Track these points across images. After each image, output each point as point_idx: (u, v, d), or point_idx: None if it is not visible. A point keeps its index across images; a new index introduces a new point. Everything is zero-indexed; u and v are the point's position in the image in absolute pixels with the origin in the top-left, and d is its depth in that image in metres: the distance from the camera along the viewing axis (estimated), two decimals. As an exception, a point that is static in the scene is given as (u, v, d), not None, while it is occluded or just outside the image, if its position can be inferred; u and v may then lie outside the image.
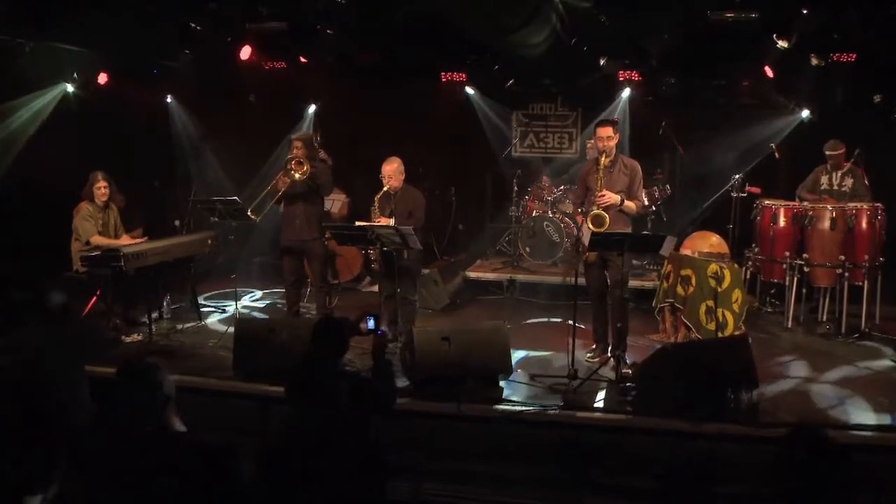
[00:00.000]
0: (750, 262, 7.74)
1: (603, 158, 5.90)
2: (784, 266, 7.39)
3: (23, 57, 7.85)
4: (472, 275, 8.72)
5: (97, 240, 6.61)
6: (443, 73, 9.78)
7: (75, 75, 8.60)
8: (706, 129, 9.24)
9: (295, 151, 6.64)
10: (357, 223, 6.25)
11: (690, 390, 4.89)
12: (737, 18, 7.04)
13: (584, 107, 10.43)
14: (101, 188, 6.77)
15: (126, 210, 8.29)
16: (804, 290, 7.50)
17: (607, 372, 5.77)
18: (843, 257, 6.98)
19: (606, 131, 5.89)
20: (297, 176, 6.43)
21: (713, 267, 6.62)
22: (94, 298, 6.74)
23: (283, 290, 7.01)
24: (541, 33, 8.18)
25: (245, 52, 8.10)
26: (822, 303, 7.40)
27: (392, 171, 6.35)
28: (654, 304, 7.13)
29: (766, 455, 2.64)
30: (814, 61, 7.64)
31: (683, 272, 6.76)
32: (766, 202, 7.65)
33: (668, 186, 9.10)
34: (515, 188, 9.28)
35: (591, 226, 5.78)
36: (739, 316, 6.73)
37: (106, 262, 6.16)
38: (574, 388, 5.42)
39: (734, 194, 7.92)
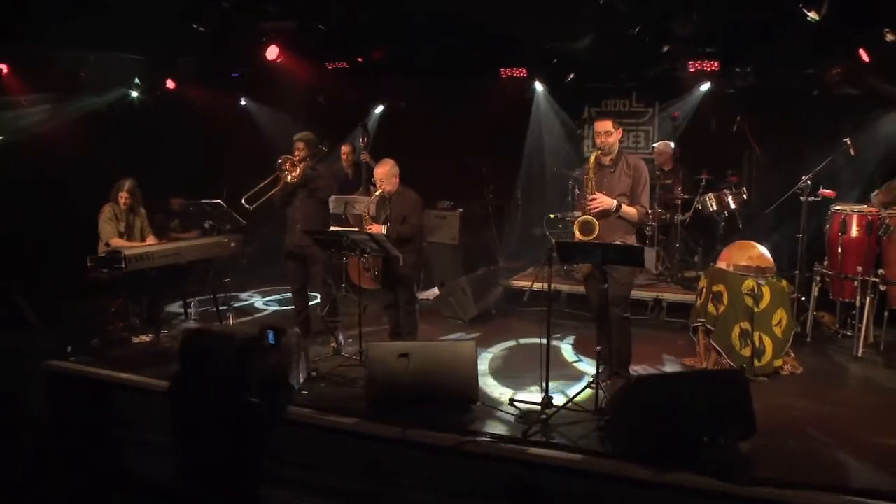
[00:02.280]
0: (818, 278, 6.64)
1: (594, 158, 5.21)
2: (855, 283, 6.26)
3: (87, 65, 8.25)
4: (516, 284, 8.15)
5: (115, 242, 6.73)
6: (502, 70, 9.29)
7: (137, 81, 8.89)
8: (791, 124, 8.10)
9: (297, 153, 6.45)
10: (332, 228, 5.91)
11: (658, 431, 4.15)
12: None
13: (662, 102, 9.52)
14: (123, 197, 6.91)
15: (183, 212, 8.55)
16: (885, 314, 6.33)
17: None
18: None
19: (605, 125, 5.20)
20: (288, 178, 6.23)
21: (749, 283, 5.70)
22: (120, 300, 6.88)
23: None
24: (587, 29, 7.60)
25: (272, 52, 8.00)
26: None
27: (384, 174, 5.98)
28: (689, 323, 6.28)
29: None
30: (889, 37, 6.39)
31: (715, 288, 5.88)
32: (836, 207, 6.53)
33: (744, 190, 8.05)
34: (576, 190, 8.57)
35: (578, 233, 5.10)
36: (782, 342, 5.76)
37: (109, 264, 6.25)
38: (544, 419, 4.79)
39: (804, 198, 6.81)
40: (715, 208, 7.96)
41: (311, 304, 6.86)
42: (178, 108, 9.53)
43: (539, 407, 4.88)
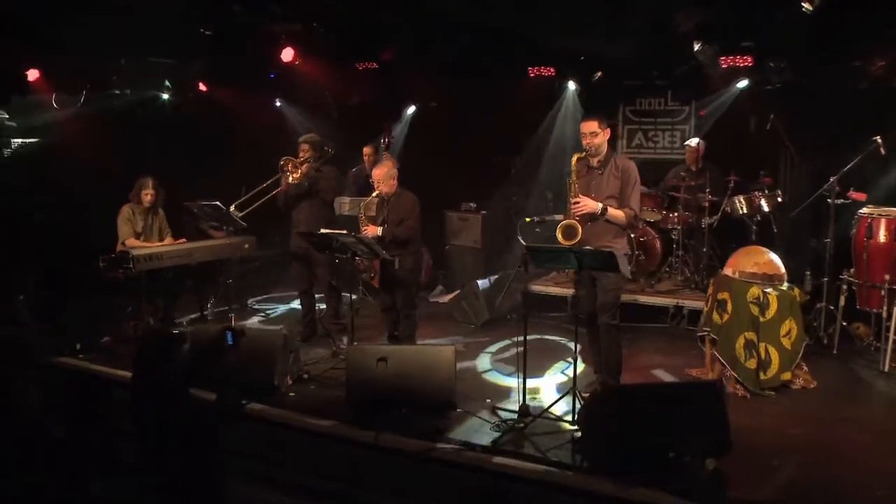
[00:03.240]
0: (845, 287, 6.28)
1: (575, 160, 5.08)
2: (882, 292, 5.90)
3: (118, 69, 8.56)
4: (535, 289, 7.99)
5: (131, 242, 6.95)
6: (530, 69, 9.16)
7: (167, 83, 9.17)
8: (829, 121, 7.69)
9: (301, 154, 6.54)
10: (322, 231, 5.94)
11: (624, 444, 4.01)
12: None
13: (698, 100, 9.19)
14: (149, 194, 7.10)
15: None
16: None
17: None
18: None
19: (590, 126, 5.05)
20: (289, 179, 6.31)
21: (754, 291, 5.46)
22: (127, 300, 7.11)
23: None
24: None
25: (287, 55, 8.11)
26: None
27: (381, 176, 5.98)
28: (696, 332, 6.05)
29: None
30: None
31: (720, 296, 5.65)
32: (863, 211, 6.17)
33: (779, 192, 7.70)
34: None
35: (561, 238, 4.97)
36: (791, 354, 5.50)
37: (118, 263, 6.47)
38: (521, 428, 4.70)
39: (832, 201, 6.46)
40: (745, 211, 7.64)
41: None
42: (210, 110, 9.77)
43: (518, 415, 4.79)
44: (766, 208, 7.63)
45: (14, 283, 6.82)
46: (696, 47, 7.90)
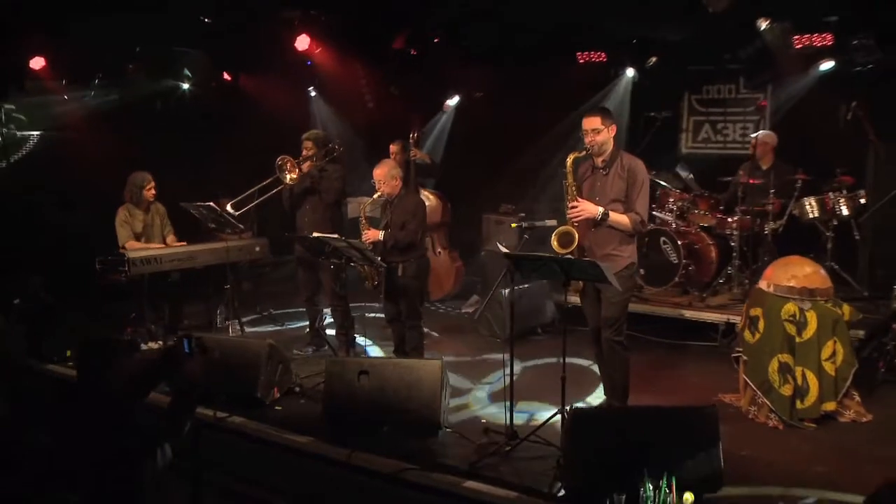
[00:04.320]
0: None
1: (570, 160, 5.23)
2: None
3: (134, 57, 9.20)
4: (573, 299, 8.11)
5: (131, 245, 7.47)
6: (579, 54, 9.32)
7: (187, 72, 9.76)
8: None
9: (304, 152, 6.92)
10: (315, 234, 6.29)
11: (598, 471, 4.18)
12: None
13: (776, 87, 9.10)
14: (152, 189, 7.60)
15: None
16: None
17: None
18: None
19: (592, 122, 5.20)
20: (287, 179, 6.69)
21: (789, 307, 5.49)
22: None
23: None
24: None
25: (302, 42, 8.53)
26: None
27: (382, 176, 6.29)
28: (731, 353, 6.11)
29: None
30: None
31: (752, 312, 5.72)
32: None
33: (860, 193, 7.60)
34: (657, 192, 8.45)
35: (556, 245, 5.15)
36: (835, 381, 5.47)
37: (113, 267, 7.01)
38: (506, 451, 4.92)
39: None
40: (816, 215, 7.59)
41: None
42: (235, 101, 10.32)
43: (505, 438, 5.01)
44: (844, 212, 7.55)
45: (12, 286, 7.42)
46: (763, 25, 7.90)
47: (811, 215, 7.61)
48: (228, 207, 6.96)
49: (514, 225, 5.90)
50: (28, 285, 7.30)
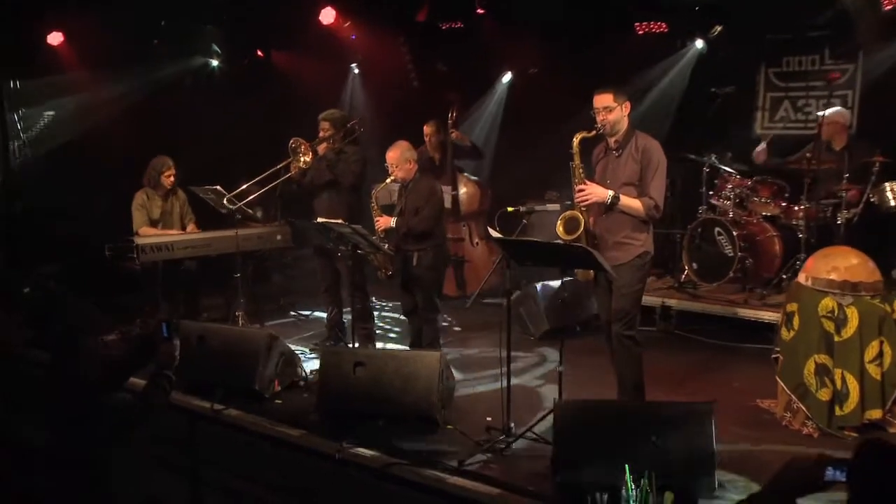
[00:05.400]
0: None
1: (577, 141, 5.56)
2: None
3: (158, 33, 9.92)
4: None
5: (146, 231, 8.14)
6: (637, 25, 9.58)
7: (216, 48, 10.42)
8: None
9: (320, 133, 7.42)
10: (319, 220, 6.76)
11: (584, 467, 4.55)
12: None
13: (867, 56, 9.10)
14: (171, 176, 8.26)
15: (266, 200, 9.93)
16: None
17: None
18: None
19: (603, 99, 5.53)
20: (300, 163, 7.20)
21: (827, 302, 5.67)
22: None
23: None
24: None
25: (327, 16, 9.03)
26: None
27: (395, 159, 6.71)
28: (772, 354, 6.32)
29: None
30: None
31: (789, 307, 5.92)
32: None
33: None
34: (717, 178, 8.66)
35: (562, 231, 5.49)
36: (884, 387, 5.59)
37: (122, 254, 7.67)
38: (501, 449, 5.31)
39: None
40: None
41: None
42: (269, 79, 10.96)
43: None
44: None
45: (25, 275, 8.16)
46: None
47: (892, 202, 7.67)
48: (245, 188, 7.46)
49: (510, 209, 6.22)
50: (37, 275, 8.02)
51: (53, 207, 9.91)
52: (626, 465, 4.34)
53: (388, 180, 6.85)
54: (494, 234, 5.40)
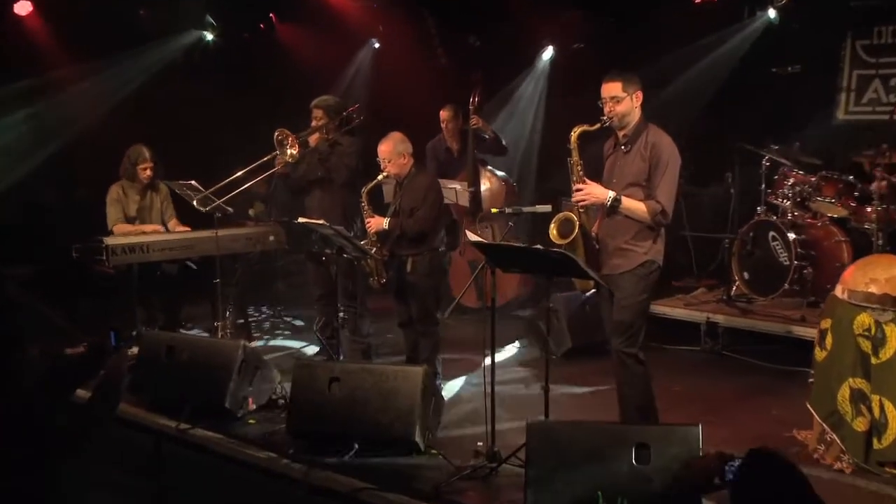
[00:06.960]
0: None
1: (576, 135, 5.97)
2: None
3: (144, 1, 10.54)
4: (660, 310, 8.84)
5: (121, 228, 8.68)
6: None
7: (210, 20, 10.99)
8: None
9: (313, 122, 7.96)
10: (301, 220, 7.29)
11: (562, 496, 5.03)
12: None
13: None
14: (147, 168, 8.83)
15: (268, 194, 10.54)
16: None
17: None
18: None
19: (611, 88, 5.90)
20: (287, 157, 7.72)
21: (863, 319, 5.97)
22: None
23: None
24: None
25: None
26: None
27: (388, 153, 7.19)
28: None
29: None
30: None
31: (823, 323, 6.27)
32: None
33: None
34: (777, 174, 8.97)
35: (555, 234, 5.95)
36: (931, 416, 5.92)
37: (90, 256, 8.26)
38: (486, 474, 5.81)
39: None
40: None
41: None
42: (270, 55, 11.54)
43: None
44: None
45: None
46: None
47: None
48: (224, 184, 8.01)
49: (494, 210, 6.52)
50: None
51: (31, 203, 10.65)
52: (599, 493, 4.83)
53: (379, 177, 7.30)
54: (473, 237, 5.88)
